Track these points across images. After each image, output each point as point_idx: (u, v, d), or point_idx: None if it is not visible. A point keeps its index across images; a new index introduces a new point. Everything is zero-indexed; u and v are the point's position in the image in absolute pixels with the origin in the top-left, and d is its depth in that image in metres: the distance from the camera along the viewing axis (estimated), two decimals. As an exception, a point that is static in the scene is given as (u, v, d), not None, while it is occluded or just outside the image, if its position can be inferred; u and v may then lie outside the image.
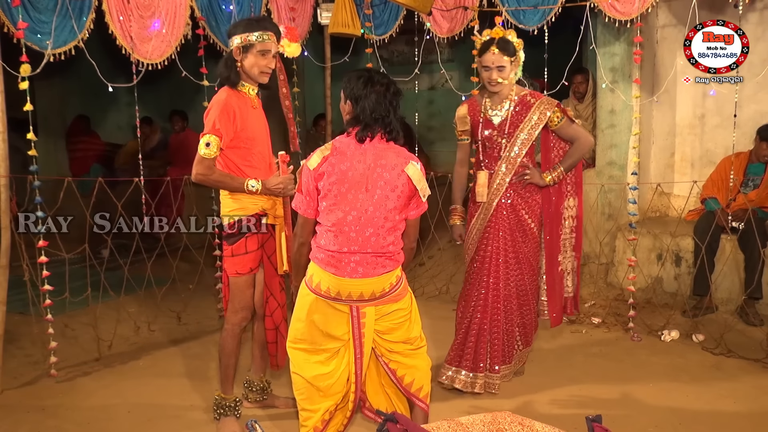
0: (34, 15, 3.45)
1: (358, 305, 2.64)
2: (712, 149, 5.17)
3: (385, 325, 2.71)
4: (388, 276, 2.63)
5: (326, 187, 2.56)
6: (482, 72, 3.38)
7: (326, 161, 2.56)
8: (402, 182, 2.58)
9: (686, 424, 3.17)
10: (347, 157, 2.56)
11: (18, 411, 3.43)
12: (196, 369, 3.97)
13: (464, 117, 3.55)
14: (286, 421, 3.24)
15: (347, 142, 2.60)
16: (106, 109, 8.71)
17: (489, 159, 3.50)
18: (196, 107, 6.61)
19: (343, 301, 2.62)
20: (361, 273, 2.58)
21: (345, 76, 2.67)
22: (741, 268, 4.50)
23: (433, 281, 5.50)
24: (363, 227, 2.56)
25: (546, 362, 3.93)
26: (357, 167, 2.56)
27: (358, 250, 2.57)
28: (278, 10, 4.86)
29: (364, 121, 2.58)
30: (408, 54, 7.96)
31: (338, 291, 2.60)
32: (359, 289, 2.60)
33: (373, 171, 2.56)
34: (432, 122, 8.31)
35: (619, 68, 5.01)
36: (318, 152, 2.60)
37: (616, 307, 4.78)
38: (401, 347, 2.77)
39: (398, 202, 2.58)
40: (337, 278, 2.58)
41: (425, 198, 2.64)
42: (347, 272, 2.57)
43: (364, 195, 2.55)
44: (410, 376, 2.79)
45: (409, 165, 2.58)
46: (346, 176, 2.55)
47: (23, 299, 4.02)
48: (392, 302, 2.69)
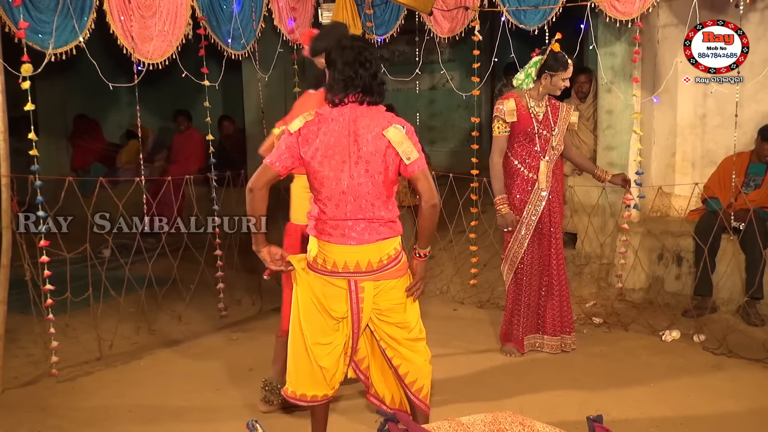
0: (35, 15, 3.45)
1: (356, 279, 2.60)
2: (713, 149, 5.17)
3: (384, 303, 2.67)
4: (383, 245, 2.59)
5: (310, 153, 2.52)
6: (558, 82, 3.82)
7: (308, 126, 2.53)
8: (384, 145, 2.52)
9: (687, 424, 3.16)
10: (329, 123, 2.53)
11: (19, 410, 3.43)
12: (197, 369, 3.97)
13: (513, 110, 3.84)
14: (287, 421, 3.24)
15: (329, 108, 2.59)
16: (107, 108, 8.72)
17: (531, 151, 3.88)
18: (197, 107, 6.65)
19: (340, 274, 2.58)
20: (356, 239, 2.55)
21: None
22: (742, 268, 4.49)
23: (434, 281, 5.50)
24: (353, 193, 2.53)
25: (547, 362, 3.93)
26: (341, 132, 2.52)
27: (350, 216, 2.54)
28: (279, 10, 4.87)
29: (333, 84, 2.57)
30: (409, 54, 7.94)
31: (334, 261, 2.57)
32: (355, 258, 2.56)
33: (356, 136, 2.53)
34: (433, 122, 8.31)
35: (619, 68, 5.01)
36: (300, 117, 2.56)
37: (617, 307, 4.78)
38: (400, 333, 2.72)
39: (382, 166, 2.53)
40: (331, 246, 2.56)
41: (410, 161, 2.52)
42: (342, 239, 2.56)
43: (350, 160, 2.52)
44: (405, 367, 2.74)
45: (389, 128, 2.53)
46: (330, 142, 2.52)
47: (24, 299, 4.02)
48: (391, 278, 2.64)
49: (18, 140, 3.98)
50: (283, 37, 4.97)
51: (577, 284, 5.10)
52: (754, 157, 4.67)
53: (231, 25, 4.51)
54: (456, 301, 5.14)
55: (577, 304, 4.86)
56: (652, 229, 4.96)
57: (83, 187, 4.71)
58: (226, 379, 3.79)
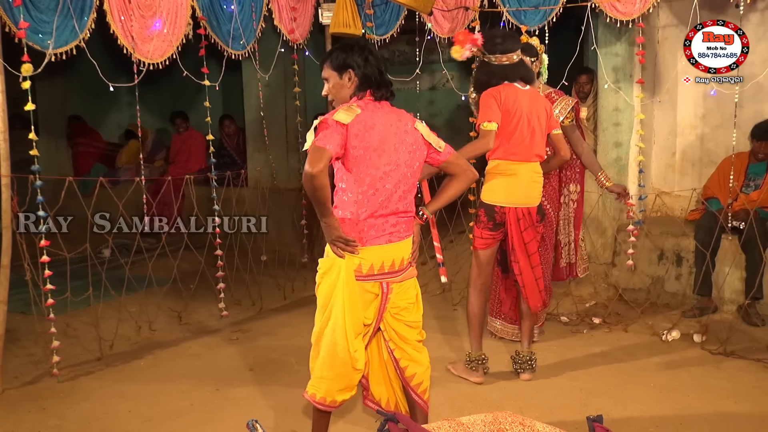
0: (35, 15, 3.45)
1: (388, 281, 2.63)
2: (713, 149, 5.17)
3: (402, 302, 2.70)
4: (410, 240, 2.68)
5: (359, 146, 2.50)
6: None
7: (358, 119, 2.52)
8: (417, 138, 2.65)
9: (687, 424, 3.16)
10: (374, 116, 2.56)
11: (19, 410, 3.43)
12: (197, 369, 3.98)
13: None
14: (287, 422, 3.24)
15: (364, 104, 2.58)
16: (107, 108, 8.72)
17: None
18: (197, 107, 6.65)
19: (375, 276, 2.60)
20: (396, 235, 2.60)
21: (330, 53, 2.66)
22: (742, 268, 4.50)
23: (435, 280, 5.49)
24: (395, 186, 2.58)
25: (547, 362, 3.93)
26: (384, 126, 2.56)
27: (391, 211, 2.58)
28: (279, 10, 4.87)
29: (376, 82, 2.61)
30: (409, 54, 7.95)
31: (371, 264, 2.57)
32: (391, 256, 2.60)
33: (396, 128, 2.59)
34: (433, 122, 8.29)
35: (620, 68, 5.01)
36: (344, 110, 2.51)
37: (617, 307, 4.78)
38: (410, 333, 2.75)
39: (419, 157, 2.66)
40: (370, 248, 2.55)
41: (441, 148, 2.69)
42: (382, 237, 2.57)
43: (393, 152, 2.57)
44: (412, 369, 2.77)
45: (416, 122, 2.68)
46: (377, 134, 2.54)
47: (25, 299, 4.02)
48: (410, 277, 2.71)
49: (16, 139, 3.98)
50: (283, 37, 4.98)
51: (578, 284, 5.10)
52: (752, 158, 4.68)
53: (231, 25, 4.51)
54: (456, 302, 5.13)
55: (577, 304, 4.86)
56: (652, 229, 4.97)
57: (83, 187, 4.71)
58: (226, 379, 3.79)
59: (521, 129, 3.49)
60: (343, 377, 2.64)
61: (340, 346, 2.59)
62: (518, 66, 3.55)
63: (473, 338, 3.73)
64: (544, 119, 3.57)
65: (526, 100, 3.52)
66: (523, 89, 3.55)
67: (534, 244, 3.63)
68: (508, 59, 3.52)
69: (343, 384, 2.65)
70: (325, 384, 2.65)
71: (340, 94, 2.65)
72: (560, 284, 4.88)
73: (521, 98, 3.51)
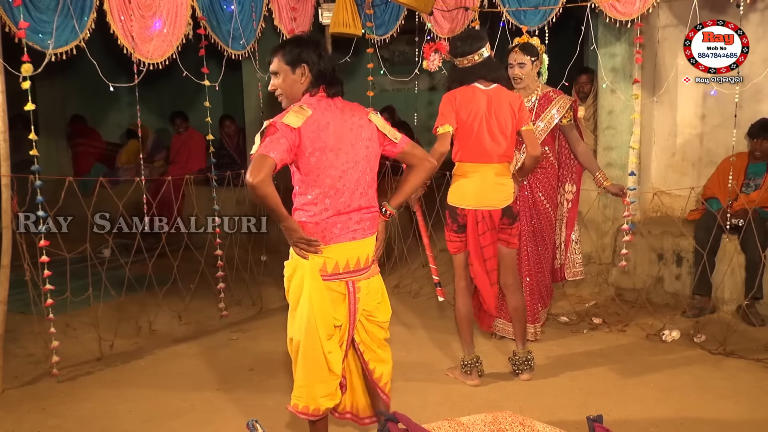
0: (35, 15, 3.45)
1: (354, 279, 2.60)
2: (713, 149, 5.17)
3: (371, 303, 2.68)
4: (374, 237, 2.65)
5: (313, 148, 2.44)
6: (510, 71, 3.91)
7: (309, 120, 2.44)
8: (372, 130, 2.59)
9: (687, 424, 3.17)
10: (326, 115, 2.50)
11: (19, 410, 3.43)
12: (197, 369, 3.98)
13: None
14: (288, 421, 3.24)
15: (316, 102, 2.52)
16: (107, 108, 8.72)
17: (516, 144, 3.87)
18: (197, 107, 6.64)
19: (340, 275, 2.56)
20: (360, 232, 2.57)
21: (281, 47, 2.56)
22: (742, 267, 4.50)
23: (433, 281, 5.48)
24: (355, 183, 2.53)
25: (547, 362, 3.93)
26: (338, 123, 2.51)
27: (354, 208, 2.54)
28: (279, 10, 4.87)
29: (329, 78, 2.54)
30: (409, 54, 7.95)
31: (336, 262, 2.54)
32: (356, 254, 2.56)
33: (351, 124, 2.54)
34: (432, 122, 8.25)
35: (620, 68, 5.01)
36: (295, 112, 2.43)
37: (617, 307, 4.78)
38: (380, 333, 2.74)
39: (376, 151, 2.61)
40: (334, 246, 2.52)
41: (397, 139, 2.63)
42: (347, 235, 2.53)
43: (350, 150, 2.52)
44: (380, 369, 2.77)
45: (370, 114, 2.62)
46: (332, 133, 2.48)
47: (24, 299, 4.03)
48: (374, 274, 2.68)
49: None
50: (283, 37, 4.97)
51: (577, 284, 5.10)
52: (752, 157, 4.68)
53: (231, 25, 4.51)
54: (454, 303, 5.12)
55: (577, 304, 4.86)
56: (651, 229, 4.97)
57: (83, 187, 4.71)
58: (226, 379, 3.79)
59: (478, 130, 3.46)
60: (321, 382, 2.59)
61: (313, 348, 2.54)
62: (479, 66, 3.51)
63: (463, 341, 3.73)
64: (508, 118, 3.50)
65: (485, 99, 3.48)
66: (483, 89, 3.51)
67: (491, 248, 3.57)
68: (469, 61, 3.51)
69: (323, 390, 2.61)
70: (305, 392, 2.60)
71: (292, 90, 2.55)
72: (560, 285, 4.88)
73: (479, 99, 3.48)
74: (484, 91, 3.51)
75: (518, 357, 3.71)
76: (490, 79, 3.53)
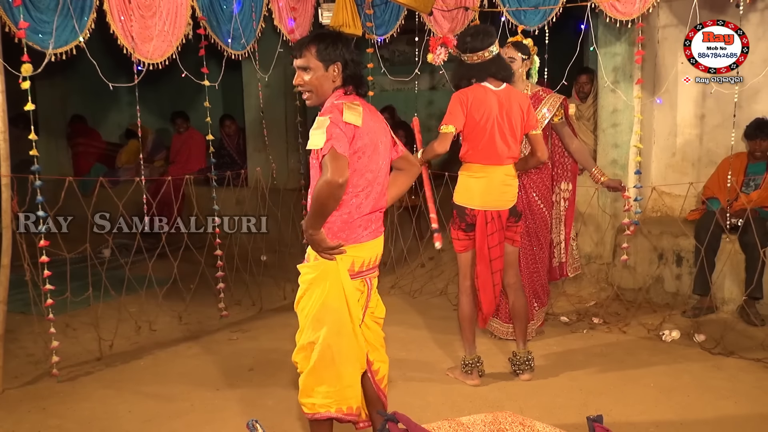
0: (35, 15, 3.45)
1: (370, 276, 2.64)
2: (713, 149, 5.17)
3: (373, 300, 2.70)
4: (383, 236, 2.69)
5: (360, 148, 2.43)
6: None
7: (364, 119, 2.45)
8: (389, 133, 2.65)
9: (687, 424, 3.16)
10: (366, 116, 2.50)
11: (19, 410, 3.43)
12: (197, 369, 3.98)
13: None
14: (288, 421, 3.24)
15: (360, 101, 2.52)
16: (107, 108, 8.72)
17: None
18: (197, 107, 6.65)
19: (363, 273, 2.59)
20: (377, 231, 2.61)
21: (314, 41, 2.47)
22: (741, 267, 4.50)
23: (433, 281, 5.50)
24: (382, 185, 2.57)
25: (547, 362, 3.93)
26: (372, 124, 2.51)
27: (378, 207, 2.59)
28: (279, 10, 4.86)
29: (359, 78, 2.53)
30: (409, 54, 7.94)
31: (363, 261, 2.56)
32: (375, 251, 2.61)
33: (378, 126, 2.56)
34: (432, 122, 8.29)
35: (620, 68, 5.01)
36: (352, 109, 2.40)
37: (617, 306, 4.78)
38: (380, 331, 2.76)
39: (391, 152, 2.65)
40: (362, 245, 2.53)
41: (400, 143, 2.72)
42: (373, 233, 2.57)
43: (382, 151, 2.56)
44: (382, 370, 2.77)
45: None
46: (371, 135, 2.48)
47: (24, 299, 4.03)
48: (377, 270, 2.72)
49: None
50: (283, 37, 4.97)
51: (577, 284, 5.10)
52: (751, 157, 4.68)
53: (231, 25, 4.51)
54: (455, 302, 5.13)
55: (577, 303, 4.86)
56: (651, 229, 4.97)
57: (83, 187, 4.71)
58: (226, 379, 3.79)
59: (490, 132, 3.44)
60: (356, 381, 2.61)
61: (350, 347, 2.53)
62: (489, 64, 3.45)
63: (465, 341, 3.72)
64: (518, 120, 3.49)
65: (496, 101, 3.45)
66: (495, 89, 3.47)
67: (498, 248, 3.56)
68: (479, 57, 3.44)
69: (355, 389, 2.60)
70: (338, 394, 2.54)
71: (323, 88, 2.48)
72: (559, 284, 4.88)
73: (491, 100, 3.44)
74: (495, 93, 3.47)
75: (518, 357, 3.70)
76: (500, 78, 3.49)
